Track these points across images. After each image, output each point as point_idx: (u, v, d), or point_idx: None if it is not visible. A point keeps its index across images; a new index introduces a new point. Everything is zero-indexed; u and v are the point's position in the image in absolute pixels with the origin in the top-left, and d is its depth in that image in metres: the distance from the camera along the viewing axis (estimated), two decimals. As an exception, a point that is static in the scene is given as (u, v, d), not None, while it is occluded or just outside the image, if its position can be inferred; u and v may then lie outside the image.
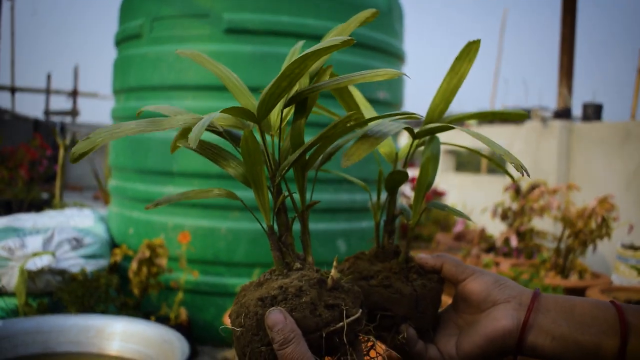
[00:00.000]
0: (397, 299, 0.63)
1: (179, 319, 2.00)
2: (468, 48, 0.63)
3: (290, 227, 0.61)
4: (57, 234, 2.07)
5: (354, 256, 0.71)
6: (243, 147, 0.54)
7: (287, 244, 0.61)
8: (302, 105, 0.61)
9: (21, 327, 1.67)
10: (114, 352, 1.69)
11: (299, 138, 0.61)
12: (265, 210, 0.60)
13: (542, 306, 0.60)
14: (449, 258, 0.66)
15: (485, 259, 2.72)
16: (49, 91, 11.22)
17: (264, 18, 2.14)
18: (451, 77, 0.64)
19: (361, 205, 2.31)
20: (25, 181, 4.21)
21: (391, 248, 0.69)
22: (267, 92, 0.54)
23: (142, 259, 1.96)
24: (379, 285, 0.63)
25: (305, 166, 0.62)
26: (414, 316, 0.63)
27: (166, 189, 2.21)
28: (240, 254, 2.15)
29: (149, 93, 2.28)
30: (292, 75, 0.53)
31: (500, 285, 0.62)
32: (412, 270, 0.66)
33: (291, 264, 0.60)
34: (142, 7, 2.30)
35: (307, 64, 0.53)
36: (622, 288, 2.20)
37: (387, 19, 2.40)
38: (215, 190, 0.62)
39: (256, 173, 0.56)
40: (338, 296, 0.56)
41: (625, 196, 3.42)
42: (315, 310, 0.53)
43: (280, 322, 0.51)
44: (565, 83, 4.16)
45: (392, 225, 0.69)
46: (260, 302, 0.54)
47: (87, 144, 0.51)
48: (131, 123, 0.53)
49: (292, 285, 0.55)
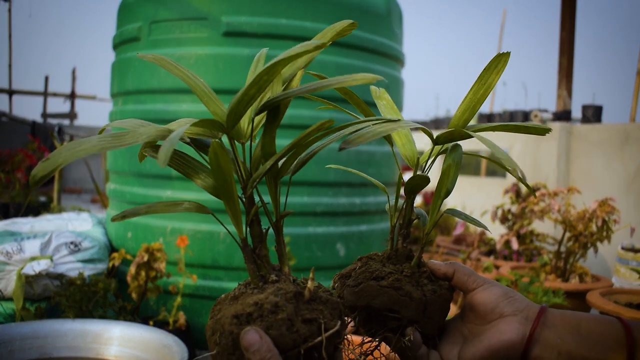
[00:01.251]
0: (406, 302, 0.62)
1: (177, 323, 1.99)
2: (497, 59, 0.62)
3: (265, 238, 0.60)
4: (55, 238, 2.05)
5: (367, 256, 0.70)
6: (212, 160, 0.52)
7: (261, 256, 0.60)
8: (274, 113, 0.60)
9: (18, 332, 1.66)
10: (112, 357, 1.67)
11: (271, 147, 0.59)
12: (238, 222, 0.58)
13: (548, 321, 0.60)
14: (461, 266, 0.66)
15: (485, 262, 2.71)
16: (46, 94, 11.21)
17: (262, 21, 2.13)
18: (478, 87, 0.63)
19: (360, 208, 2.30)
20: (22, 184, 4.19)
21: (405, 252, 0.69)
22: (236, 100, 0.53)
23: (141, 263, 1.95)
24: (389, 287, 0.63)
25: (278, 175, 0.61)
26: (420, 321, 0.63)
27: (164, 192, 2.20)
28: (239, 258, 2.14)
29: (147, 96, 2.27)
30: (260, 82, 0.52)
31: (508, 298, 0.63)
32: (424, 275, 0.66)
33: (266, 276, 0.59)
34: (140, 10, 2.29)
35: (277, 69, 0.52)
36: (623, 291, 2.19)
37: (385, 21, 2.39)
38: (185, 203, 0.60)
39: (226, 186, 0.54)
40: (316, 308, 0.55)
41: (625, 198, 3.42)
42: (292, 326, 0.52)
43: (255, 342, 0.50)
44: (564, 85, 4.15)
45: (408, 229, 0.69)
46: (235, 319, 0.53)
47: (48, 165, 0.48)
48: (93, 139, 0.51)
49: (267, 300, 0.53)
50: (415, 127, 0.60)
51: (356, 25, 0.63)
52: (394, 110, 0.74)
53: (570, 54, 4.17)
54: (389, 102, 0.75)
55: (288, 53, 0.50)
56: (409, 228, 0.69)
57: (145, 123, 0.59)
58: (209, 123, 0.54)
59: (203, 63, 2.15)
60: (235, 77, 2.12)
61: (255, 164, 0.61)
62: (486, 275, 2.47)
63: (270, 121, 0.60)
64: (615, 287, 2.31)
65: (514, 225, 2.99)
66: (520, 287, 2.12)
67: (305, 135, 0.56)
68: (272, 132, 0.60)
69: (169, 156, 0.43)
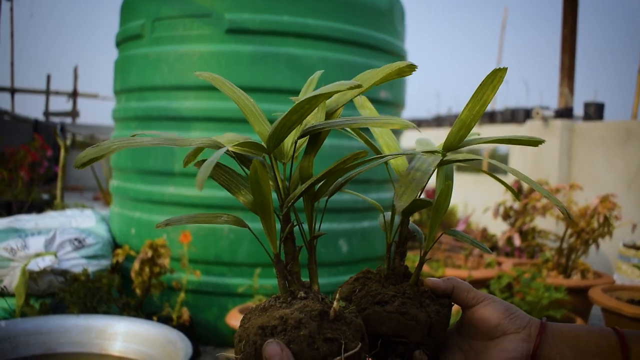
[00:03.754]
0: (413, 326, 0.63)
1: (181, 319, 2.00)
2: (492, 75, 0.61)
3: (297, 255, 0.62)
4: (59, 235, 2.06)
5: (363, 275, 0.71)
6: (251, 178, 0.54)
7: (292, 272, 0.61)
8: (314, 139, 0.63)
9: (22, 327, 1.67)
10: (117, 353, 1.68)
11: (308, 171, 0.62)
12: (272, 239, 0.60)
13: (548, 336, 0.61)
14: (459, 282, 0.67)
15: (487, 259, 2.71)
16: (48, 92, 11.23)
17: (264, 18, 2.14)
18: (474, 104, 0.62)
19: (363, 205, 2.30)
20: (25, 182, 4.20)
21: (402, 270, 0.69)
22: (278, 124, 0.56)
23: (145, 259, 1.95)
24: (396, 312, 0.63)
25: (314, 197, 0.64)
26: (426, 342, 0.64)
27: (167, 189, 2.21)
28: (242, 254, 2.15)
29: (150, 93, 2.27)
30: (301, 110, 0.55)
31: (510, 315, 0.63)
32: (425, 295, 0.67)
33: (295, 293, 0.60)
34: (143, 7, 2.30)
35: (318, 100, 0.55)
36: (624, 287, 2.20)
37: (388, 18, 2.40)
38: (224, 216, 0.63)
39: (264, 204, 0.57)
40: (339, 328, 0.56)
41: (626, 195, 3.42)
42: (313, 343, 0.54)
43: (276, 354, 0.52)
44: (566, 82, 4.15)
45: (404, 246, 0.69)
46: (260, 330, 0.55)
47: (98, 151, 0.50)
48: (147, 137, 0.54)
49: (292, 316, 0.55)
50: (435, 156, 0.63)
51: (415, 68, 0.64)
52: None
53: (572, 51, 4.17)
54: (372, 110, 0.77)
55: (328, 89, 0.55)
56: (405, 246, 0.70)
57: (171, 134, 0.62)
58: (252, 145, 0.58)
59: (206, 60, 2.15)
60: (238, 73, 2.13)
61: (294, 184, 0.64)
62: (488, 272, 2.47)
63: (310, 146, 0.63)
64: (617, 284, 2.31)
65: (516, 222, 2.99)
66: (522, 284, 2.13)
67: (341, 162, 0.60)
68: (311, 156, 0.63)
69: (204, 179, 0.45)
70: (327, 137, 0.64)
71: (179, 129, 2.19)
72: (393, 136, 0.75)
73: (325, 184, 0.63)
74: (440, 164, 0.66)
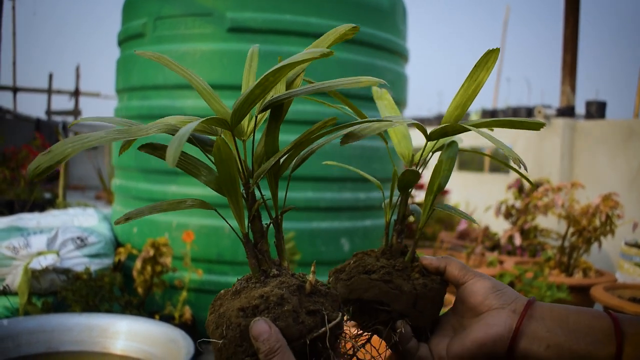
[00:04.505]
0: (396, 294, 0.63)
1: (183, 317, 2.00)
2: (487, 56, 0.62)
3: (266, 233, 0.61)
4: (61, 233, 2.07)
5: (363, 252, 0.72)
6: (216, 155, 0.53)
7: (262, 251, 0.61)
8: (277, 111, 0.61)
9: (24, 326, 1.67)
10: (119, 351, 1.69)
11: (274, 145, 0.60)
12: (240, 218, 0.59)
13: (537, 314, 0.61)
14: (453, 260, 0.67)
15: (489, 257, 2.71)
16: (50, 91, 11.24)
17: (267, 17, 2.14)
18: (469, 84, 0.63)
19: (364, 203, 2.30)
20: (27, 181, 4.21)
21: (399, 247, 0.69)
22: (242, 100, 0.54)
23: (147, 258, 1.96)
24: (379, 280, 0.64)
25: (278, 171, 0.62)
26: (411, 314, 0.64)
27: (170, 188, 2.21)
28: (244, 253, 2.14)
29: (152, 92, 2.28)
30: (266, 83, 0.53)
31: (497, 291, 0.63)
32: (416, 269, 0.67)
33: (268, 271, 0.60)
34: (145, 6, 2.30)
35: (283, 72, 0.53)
36: (626, 286, 2.19)
37: (389, 17, 2.40)
38: (188, 200, 0.60)
39: (230, 181, 0.55)
40: (317, 301, 0.57)
41: (628, 194, 3.42)
42: (297, 317, 0.54)
43: (265, 332, 0.51)
44: (568, 81, 4.15)
45: (402, 224, 0.69)
46: (241, 312, 0.54)
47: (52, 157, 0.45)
48: (101, 132, 0.50)
49: (273, 293, 0.55)
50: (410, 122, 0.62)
51: (358, 29, 0.64)
52: (394, 109, 0.76)
53: (574, 50, 4.16)
54: (390, 102, 0.76)
55: (295, 59, 0.52)
56: (404, 223, 0.70)
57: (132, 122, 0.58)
58: (215, 120, 0.55)
59: (208, 59, 2.15)
60: (240, 72, 2.12)
61: (258, 160, 0.62)
62: (490, 271, 2.47)
63: (273, 119, 0.61)
64: (619, 282, 2.31)
65: (518, 221, 2.99)
66: (524, 282, 2.13)
67: (308, 132, 0.57)
68: (276, 130, 0.61)
69: (177, 154, 0.42)
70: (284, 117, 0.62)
71: (180, 128, 2.19)
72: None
73: (288, 157, 0.61)
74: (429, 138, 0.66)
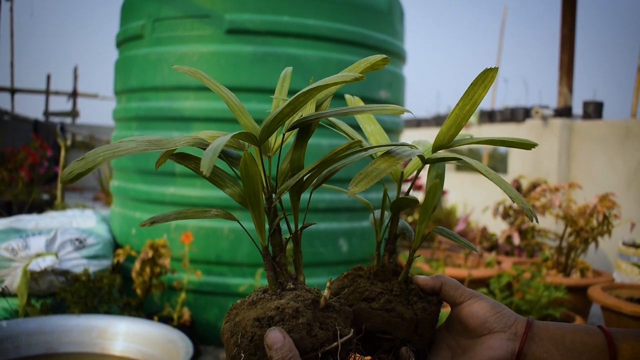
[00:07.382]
0: (398, 322, 0.63)
1: (182, 319, 2.01)
2: (484, 75, 0.61)
3: (284, 247, 0.62)
4: (60, 235, 2.07)
5: (353, 272, 0.71)
6: (242, 170, 0.54)
7: (280, 264, 0.62)
8: (305, 131, 0.63)
9: (24, 327, 1.67)
10: (118, 353, 1.69)
11: (299, 162, 0.62)
12: (261, 231, 0.60)
13: (535, 335, 0.62)
14: (447, 280, 0.67)
15: (487, 258, 2.72)
16: (48, 92, 11.23)
17: (265, 18, 2.14)
18: (464, 102, 0.62)
19: (362, 205, 2.31)
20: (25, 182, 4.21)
21: (391, 267, 0.69)
22: (272, 117, 0.56)
23: (145, 259, 1.96)
24: (381, 309, 0.64)
25: (301, 189, 0.63)
26: (413, 339, 0.64)
27: (168, 189, 2.21)
28: (242, 254, 2.16)
29: (151, 94, 2.28)
30: (296, 103, 0.55)
31: (497, 313, 0.64)
32: (413, 292, 0.67)
33: (284, 284, 0.61)
34: (143, 8, 2.30)
35: (313, 94, 0.55)
36: (624, 285, 2.20)
37: (387, 18, 2.41)
38: (213, 210, 0.62)
39: (255, 195, 0.57)
40: (330, 316, 0.58)
41: (626, 194, 3.43)
42: (311, 330, 0.55)
43: (279, 341, 0.53)
44: (565, 81, 4.16)
45: (394, 244, 0.70)
46: (257, 322, 0.56)
47: (84, 164, 0.48)
48: (132, 143, 0.53)
49: (288, 306, 0.56)
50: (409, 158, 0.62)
51: (389, 61, 0.64)
52: (370, 119, 0.75)
53: (571, 50, 4.17)
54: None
55: (326, 81, 0.54)
56: (395, 243, 0.70)
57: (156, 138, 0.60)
58: (244, 135, 0.57)
59: (206, 60, 2.16)
60: (238, 74, 2.13)
61: (282, 176, 0.64)
62: (488, 271, 2.48)
63: (301, 138, 0.63)
64: (616, 282, 2.32)
65: (516, 221, 3.00)
66: (522, 283, 2.14)
67: (333, 153, 0.59)
68: (302, 148, 0.63)
69: (212, 165, 0.45)
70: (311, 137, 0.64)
71: (179, 129, 2.19)
72: (385, 135, 0.75)
73: (311, 176, 0.63)
74: (426, 162, 0.66)
